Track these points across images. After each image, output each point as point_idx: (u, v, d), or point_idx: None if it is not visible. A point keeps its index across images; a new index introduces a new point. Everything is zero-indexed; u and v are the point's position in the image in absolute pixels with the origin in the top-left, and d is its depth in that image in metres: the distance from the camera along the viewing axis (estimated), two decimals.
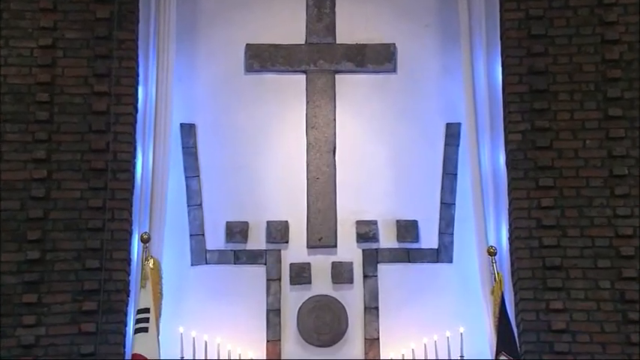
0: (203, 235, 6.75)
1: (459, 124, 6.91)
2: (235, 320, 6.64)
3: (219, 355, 6.44)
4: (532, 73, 6.41)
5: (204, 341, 6.33)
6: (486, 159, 6.66)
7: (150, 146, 6.61)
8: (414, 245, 6.77)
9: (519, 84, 6.45)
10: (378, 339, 6.70)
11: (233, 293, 6.72)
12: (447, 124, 6.93)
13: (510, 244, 6.50)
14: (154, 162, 6.57)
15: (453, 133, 6.92)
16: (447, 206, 6.74)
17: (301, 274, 6.74)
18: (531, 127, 6.49)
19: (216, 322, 6.57)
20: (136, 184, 6.53)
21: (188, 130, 6.86)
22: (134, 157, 6.50)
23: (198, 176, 6.80)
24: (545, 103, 6.50)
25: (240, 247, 6.77)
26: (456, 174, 6.84)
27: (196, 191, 6.75)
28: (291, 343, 6.67)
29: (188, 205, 6.75)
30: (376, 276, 6.79)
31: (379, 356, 6.75)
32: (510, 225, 6.48)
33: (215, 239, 6.75)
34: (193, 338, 6.30)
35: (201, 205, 6.74)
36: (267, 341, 6.71)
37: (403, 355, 6.65)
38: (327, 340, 6.68)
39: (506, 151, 6.56)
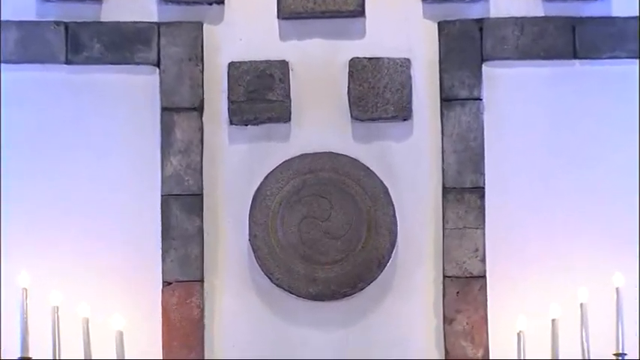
0: None
1: None
2: (74, 232, 4.15)
3: (24, 323, 3.78)
4: None
5: None
6: None
7: None
8: (592, 8, 4.40)
9: None
10: (484, 277, 4.08)
11: (68, 150, 4.14)
12: None
13: None
14: None
15: None
16: None
17: (262, 95, 4.22)
18: None
19: (26, 237, 4.15)
20: None
21: None
22: None
23: None
24: None
25: (83, 14, 4.31)
26: None
27: None
28: (235, 289, 4.25)
29: None
30: (479, 99, 4.23)
31: (486, 329, 4.13)
32: None
33: None
34: None
35: None
36: (166, 284, 4.08)
37: (554, 320, 4.04)
38: (337, 282, 4.06)
39: None
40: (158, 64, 4.15)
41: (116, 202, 4.12)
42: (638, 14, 4.32)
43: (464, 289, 4.14)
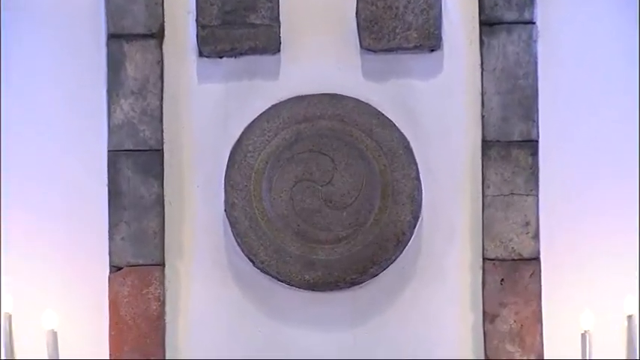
0: None
1: None
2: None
3: None
4: None
5: None
6: None
7: None
8: None
9: None
10: (537, 259, 3.52)
11: None
12: None
13: None
14: None
15: None
16: None
17: (242, 17, 3.69)
18: None
19: None
20: None
21: None
22: None
23: None
24: None
25: None
26: None
27: None
28: (206, 276, 3.64)
29: None
30: (531, 23, 3.64)
31: (539, 329, 3.60)
32: None
33: None
34: None
35: None
36: (115, 269, 3.55)
37: (630, 317, 3.44)
38: (341, 267, 3.56)
39: None
40: None
41: (47, 161, 3.40)
42: None
43: (511, 276, 3.44)
